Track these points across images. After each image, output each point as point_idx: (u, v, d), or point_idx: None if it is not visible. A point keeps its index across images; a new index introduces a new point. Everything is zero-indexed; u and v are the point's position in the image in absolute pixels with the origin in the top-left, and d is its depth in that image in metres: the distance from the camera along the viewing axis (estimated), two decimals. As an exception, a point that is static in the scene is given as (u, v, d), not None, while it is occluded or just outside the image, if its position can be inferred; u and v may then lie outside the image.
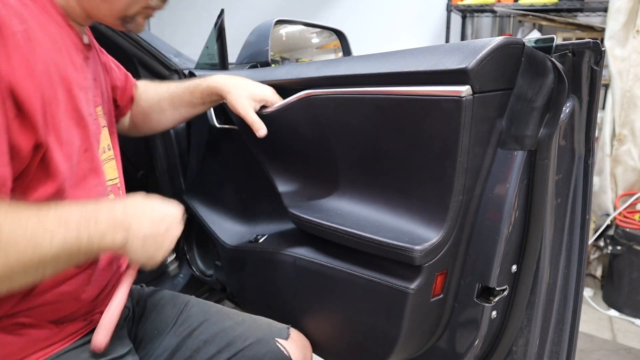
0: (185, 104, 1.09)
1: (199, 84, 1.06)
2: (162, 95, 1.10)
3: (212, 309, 0.96)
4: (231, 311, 0.97)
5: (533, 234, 0.83)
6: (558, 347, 0.95)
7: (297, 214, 0.97)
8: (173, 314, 0.94)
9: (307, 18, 1.50)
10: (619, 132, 2.34)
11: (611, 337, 2.03)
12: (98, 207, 0.67)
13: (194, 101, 1.08)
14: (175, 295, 1.00)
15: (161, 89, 1.11)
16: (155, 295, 0.99)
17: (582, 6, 2.61)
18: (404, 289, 0.81)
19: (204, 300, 1.00)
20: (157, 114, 1.10)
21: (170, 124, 1.13)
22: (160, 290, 1.02)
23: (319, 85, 0.94)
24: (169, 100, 1.09)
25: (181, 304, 0.97)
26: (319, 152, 0.99)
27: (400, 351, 0.88)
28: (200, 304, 0.98)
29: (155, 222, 0.71)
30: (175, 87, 1.09)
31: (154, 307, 0.96)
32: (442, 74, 0.75)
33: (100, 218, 0.65)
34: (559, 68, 0.76)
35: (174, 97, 1.08)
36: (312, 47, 1.66)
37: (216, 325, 0.92)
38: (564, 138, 0.84)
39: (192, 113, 1.11)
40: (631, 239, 2.17)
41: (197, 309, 0.96)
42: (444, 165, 0.78)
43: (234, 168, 1.29)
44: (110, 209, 0.67)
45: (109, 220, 0.66)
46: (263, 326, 0.95)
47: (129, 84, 1.06)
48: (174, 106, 1.09)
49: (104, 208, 0.67)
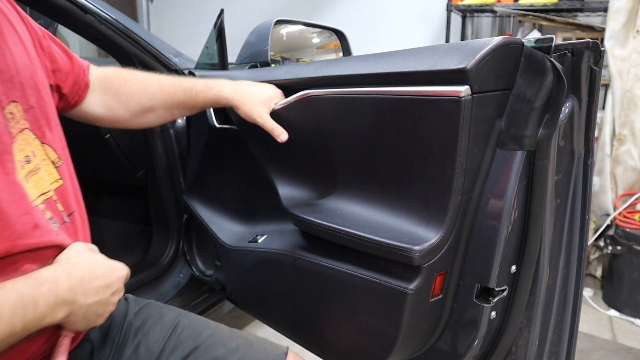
0: (180, 106, 1.02)
1: (201, 91, 1.01)
2: (151, 91, 0.99)
3: (204, 333, 0.85)
4: (225, 334, 0.86)
5: (532, 234, 0.83)
6: (557, 347, 0.95)
7: (297, 214, 0.97)
8: (161, 337, 0.84)
9: (307, 18, 1.50)
10: (619, 132, 2.34)
11: (611, 337, 2.03)
12: (39, 283, 0.59)
13: (191, 105, 1.02)
14: (164, 313, 0.89)
15: (150, 85, 1.00)
16: (141, 313, 0.88)
17: (582, 6, 2.61)
18: (403, 289, 0.81)
19: (196, 319, 0.89)
20: (144, 111, 1.00)
21: (159, 123, 1.06)
22: (146, 307, 0.90)
23: (319, 85, 0.94)
24: (161, 99, 1.00)
25: (170, 326, 0.86)
26: (319, 152, 0.99)
27: (400, 351, 0.88)
28: (192, 326, 0.86)
29: (102, 290, 0.66)
30: (169, 85, 1.01)
31: (138, 330, 0.85)
32: (441, 74, 0.75)
33: (40, 301, 0.58)
34: (558, 68, 0.75)
35: (168, 97, 1.00)
36: (313, 47, 1.66)
37: (208, 353, 0.82)
38: (563, 138, 0.84)
39: (186, 114, 1.07)
40: (631, 239, 2.17)
41: (188, 333, 0.85)
42: (443, 166, 0.78)
43: (234, 168, 1.29)
44: (53, 283, 0.60)
45: (51, 300, 0.60)
46: (259, 353, 0.84)
47: (77, 68, 0.89)
48: (166, 106, 1.01)
49: (46, 283, 0.60)
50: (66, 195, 0.75)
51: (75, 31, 1.32)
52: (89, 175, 2.05)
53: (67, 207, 0.74)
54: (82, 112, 0.94)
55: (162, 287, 1.57)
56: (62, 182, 0.75)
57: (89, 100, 0.94)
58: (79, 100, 0.92)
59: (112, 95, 0.96)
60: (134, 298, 0.92)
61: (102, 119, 0.98)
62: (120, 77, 0.98)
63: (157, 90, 0.99)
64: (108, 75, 0.97)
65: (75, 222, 0.75)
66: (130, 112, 0.99)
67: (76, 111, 0.93)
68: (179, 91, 1.00)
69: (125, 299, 0.91)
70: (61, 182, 0.75)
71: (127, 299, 0.91)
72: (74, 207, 0.76)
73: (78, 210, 0.78)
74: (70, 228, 0.74)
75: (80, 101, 0.92)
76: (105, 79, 0.96)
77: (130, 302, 0.90)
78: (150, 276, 1.55)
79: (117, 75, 0.98)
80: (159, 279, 1.58)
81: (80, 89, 0.91)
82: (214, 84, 1.02)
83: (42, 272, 0.62)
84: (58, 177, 0.75)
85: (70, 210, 0.75)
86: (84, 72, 0.91)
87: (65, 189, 0.75)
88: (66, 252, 0.68)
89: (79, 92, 0.91)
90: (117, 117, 0.98)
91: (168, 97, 1.00)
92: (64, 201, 0.74)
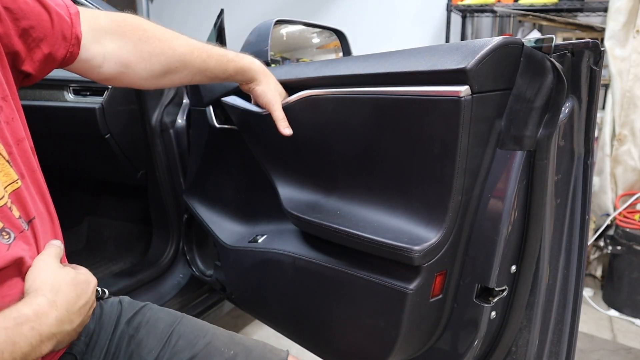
0: (206, 72, 0.92)
1: (232, 60, 0.95)
2: (180, 52, 0.87)
3: (201, 342, 0.79)
4: (222, 341, 0.80)
5: (532, 234, 0.83)
6: (557, 347, 0.95)
7: (297, 214, 0.97)
8: (155, 347, 0.78)
9: (307, 18, 1.50)
10: (619, 132, 2.34)
11: (611, 337, 2.03)
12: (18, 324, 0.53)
13: (219, 72, 0.94)
14: (158, 319, 0.82)
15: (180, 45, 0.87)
16: (134, 320, 0.81)
17: (582, 6, 2.61)
18: (403, 289, 0.81)
19: (192, 324, 0.83)
20: (166, 73, 0.87)
21: (175, 85, 0.95)
22: (141, 313, 0.83)
23: (319, 85, 0.94)
24: (190, 62, 0.89)
25: (165, 334, 0.80)
26: (319, 152, 0.99)
27: (400, 351, 0.88)
28: (187, 334, 0.80)
29: (83, 308, 0.63)
30: (200, 49, 0.90)
31: (131, 339, 0.79)
32: (441, 74, 0.75)
33: (21, 342, 0.53)
34: (558, 68, 0.75)
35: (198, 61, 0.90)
36: (313, 47, 1.66)
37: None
38: (563, 138, 0.84)
39: (205, 82, 1.00)
40: (631, 239, 2.17)
41: (183, 342, 0.78)
42: (443, 166, 0.78)
43: (234, 168, 1.29)
44: (36, 321, 0.55)
45: (34, 339, 0.54)
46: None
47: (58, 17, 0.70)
48: (193, 70, 0.90)
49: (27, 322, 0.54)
50: (23, 198, 0.65)
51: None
52: (89, 175, 2.06)
53: (26, 212, 0.65)
54: (85, 68, 0.78)
55: (162, 287, 1.57)
56: (19, 184, 0.65)
57: (93, 54, 0.76)
58: (72, 57, 0.74)
59: (129, 49, 0.81)
60: (130, 301, 0.86)
61: (113, 77, 0.82)
62: (141, 29, 0.83)
63: (187, 52, 0.88)
64: (122, 24, 0.81)
65: (35, 228, 0.67)
66: (149, 72, 0.85)
67: (76, 66, 0.76)
68: (212, 57, 0.92)
69: (119, 302, 0.84)
70: (19, 183, 0.65)
71: (122, 303, 0.84)
72: (33, 211, 0.67)
73: (44, 211, 0.70)
74: (31, 235, 0.65)
75: (74, 58, 0.74)
76: (119, 28, 0.80)
77: (124, 306, 0.84)
78: (150, 276, 1.55)
79: (136, 27, 0.82)
80: (159, 279, 1.58)
81: (71, 44, 0.72)
82: (245, 55, 0.99)
83: (21, 309, 0.55)
84: (16, 178, 0.64)
85: (30, 215, 0.66)
86: (72, 22, 0.72)
87: (22, 192, 0.65)
88: (39, 273, 0.61)
89: (70, 47, 0.72)
90: (132, 77, 0.84)
91: (198, 61, 0.90)
92: (22, 206, 0.65)
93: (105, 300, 0.84)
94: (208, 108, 1.29)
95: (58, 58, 0.71)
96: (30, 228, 0.65)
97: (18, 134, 0.66)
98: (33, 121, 0.73)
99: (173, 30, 0.89)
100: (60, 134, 1.66)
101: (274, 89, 1.00)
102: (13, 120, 0.65)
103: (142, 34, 0.82)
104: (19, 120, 0.67)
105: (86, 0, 1.25)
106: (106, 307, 0.83)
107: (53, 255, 0.66)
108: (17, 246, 0.61)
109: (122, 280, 1.50)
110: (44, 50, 0.69)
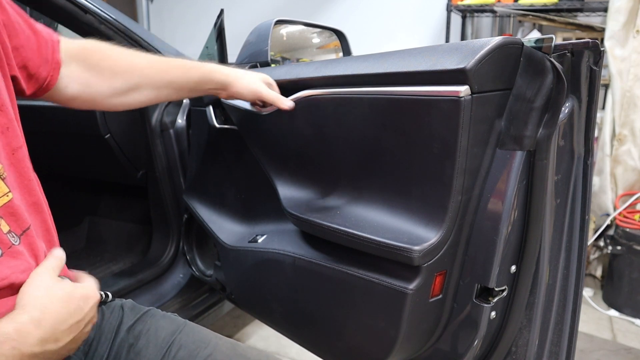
0: (171, 85, 0.92)
1: (194, 67, 0.94)
2: (140, 67, 0.89)
3: (202, 353, 0.76)
4: (225, 353, 0.78)
5: (532, 234, 0.83)
6: (557, 347, 0.95)
7: (297, 214, 0.97)
8: (155, 358, 0.76)
9: (307, 18, 1.50)
10: (619, 132, 2.34)
11: (611, 337, 2.03)
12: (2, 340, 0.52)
13: (183, 83, 0.94)
14: (160, 327, 0.80)
15: (139, 61, 0.89)
16: (135, 328, 0.80)
17: (582, 6, 2.61)
18: (402, 289, 0.81)
19: (194, 333, 0.81)
20: (129, 90, 0.88)
21: (141, 104, 0.94)
22: (142, 320, 0.81)
23: (319, 85, 0.94)
24: (151, 76, 0.90)
25: (165, 344, 0.77)
26: (318, 152, 0.99)
27: (399, 351, 0.88)
28: (189, 345, 0.77)
29: (75, 327, 0.60)
30: (159, 62, 0.92)
31: (131, 348, 0.77)
32: (441, 74, 0.75)
33: None
34: (558, 68, 0.75)
35: (159, 74, 0.90)
36: (313, 47, 1.66)
37: None
38: (563, 138, 0.84)
39: (174, 98, 0.99)
40: (631, 239, 2.17)
41: (184, 353, 0.76)
42: (442, 166, 0.78)
43: (234, 168, 1.29)
44: (18, 340, 0.53)
45: (16, 358, 0.53)
46: None
47: (44, 43, 0.75)
48: (155, 85, 0.91)
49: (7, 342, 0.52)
50: (16, 210, 0.63)
51: (75, 31, 1.32)
52: (89, 176, 2.06)
53: (19, 224, 0.64)
54: (54, 93, 0.81)
55: (162, 287, 1.57)
56: (10, 197, 0.63)
57: (61, 79, 0.80)
58: (52, 81, 0.78)
59: (90, 70, 0.84)
60: (131, 306, 0.84)
61: (76, 98, 0.84)
62: (100, 51, 0.87)
63: (146, 66, 0.90)
64: (85, 49, 0.85)
65: (30, 239, 0.65)
66: (112, 89, 0.86)
67: (50, 93, 0.80)
68: (172, 67, 0.92)
69: (121, 307, 0.82)
70: (10, 196, 0.63)
71: (123, 308, 0.82)
72: (28, 221, 0.65)
73: (38, 221, 0.69)
74: (25, 247, 0.64)
75: (54, 82, 0.78)
76: (82, 52, 0.84)
77: (126, 312, 0.82)
78: (150, 276, 1.55)
79: (96, 50, 0.86)
80: (159, 279, 1.58)
81: (52, 68, 0.77)
82: (208, 62, 0.98)
83: (3, 327, 0.53)
84: (7, 191, 0.63)
85: (24, 226, 0.64)
86: (53, 48, 0.77)
87: (13, 204, 0.63)
88: (31, 289, 0.59)
89: (51, 71, 0.77)
90: (94, 96, 0.86)
91: (159, 74, 0.90)
92: (14, 219, 0.63)
93: (107, 306, 0.82)
94: (208, 108, 1.29)
95: (40, 80, 0.76)
96: (25, 239, 0.64)
97: (13, 143, 0.66)
98: (33, 121, 0.74)
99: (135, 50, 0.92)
100: (60, 134, 1.66)
101: (250, 82, 0.97)
102: (8, 129, 0.65)
103: (103, 55, 0.87)
104: (16, 129, 0.67)
105: (86, 1, 1.25)
106: (107, 313, 0.81)
107: (50, 268, 0.64)
108: (2, 264, 0.60)
109: (122, 281, 1.50)
110: (29, 70, 0.73)
